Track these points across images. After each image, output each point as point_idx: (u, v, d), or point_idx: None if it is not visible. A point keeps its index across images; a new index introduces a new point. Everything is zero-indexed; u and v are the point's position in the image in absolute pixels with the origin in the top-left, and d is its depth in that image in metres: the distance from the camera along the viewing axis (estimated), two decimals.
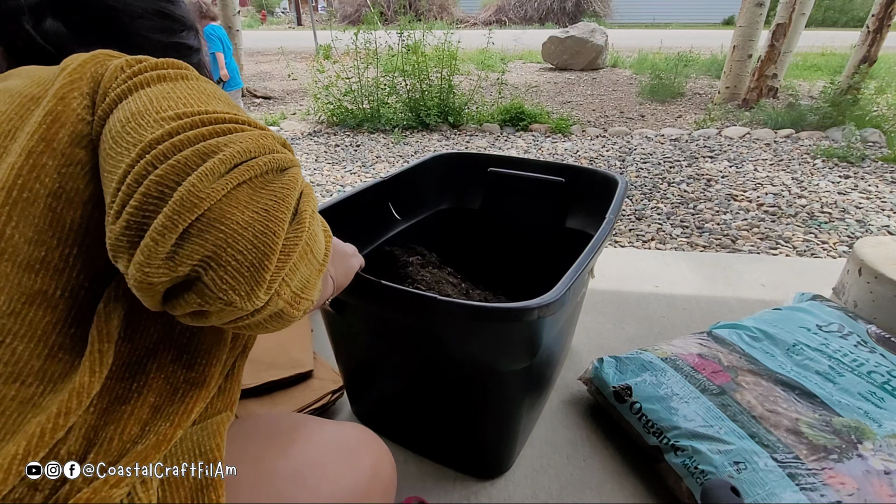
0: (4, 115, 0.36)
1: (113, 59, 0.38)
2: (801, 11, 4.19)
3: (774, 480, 0.70)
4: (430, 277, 0.92)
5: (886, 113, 3.81)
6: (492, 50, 5.77)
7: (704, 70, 6.23)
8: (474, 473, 0.86)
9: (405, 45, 4.00)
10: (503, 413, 0.77)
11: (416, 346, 0.75)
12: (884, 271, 1.13)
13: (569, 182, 1.05)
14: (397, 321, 0.73)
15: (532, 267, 1.06)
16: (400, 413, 0.91)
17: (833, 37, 9.05)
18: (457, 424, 0.83)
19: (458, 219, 1.21)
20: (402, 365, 0.81)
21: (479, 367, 0.70)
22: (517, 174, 1.11)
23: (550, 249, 1.07)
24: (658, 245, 1.97)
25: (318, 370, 0.99)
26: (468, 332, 0.67)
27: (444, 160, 1.20)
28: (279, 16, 23.38)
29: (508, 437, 0.82)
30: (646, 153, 3.21)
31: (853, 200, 2.39)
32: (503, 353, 0.68)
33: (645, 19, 17.83)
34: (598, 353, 1.05)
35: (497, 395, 0.74)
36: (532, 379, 0.77)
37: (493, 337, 0.66)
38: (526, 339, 0.66)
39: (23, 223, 0.33)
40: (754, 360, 0.94)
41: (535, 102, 4.57)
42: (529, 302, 0.57)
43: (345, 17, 16.68)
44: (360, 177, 2.84)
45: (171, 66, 0.38)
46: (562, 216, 1.08)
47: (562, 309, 0.63)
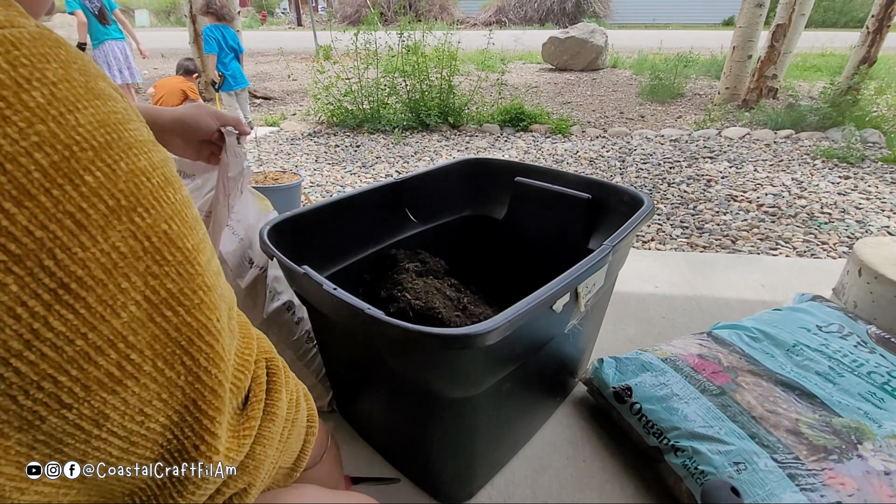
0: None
1: None
2: (801, 12, 4.19)
3: (774, 481, 0.70)
4: (422, 287, 0.89)
5: (886, 113, 3.81)
6: (492, 50, 5.78)
7: (704, 71, 6.23)
8: (433, 495, 0.83)
9: (405, 45, 4.00)
10: (455, 442, 0.72)
11: (369, 356, 0.72)
12: (884, 272, 1.13)
13: (595, 198, 1.00)
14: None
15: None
16: (371, 418, 0.90)
17: (833, 37, 9.05)
18: (412, 442, 0.80)
19: (481, 227, 1.18)
20: (365, 371, 0.79)
21: (422, 388, 0.66)
22: (544, 186, 1.06)
23: (570, 267, 1.04)
24: (658, 245, 1.97)
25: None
26: (402, 353, 0.62)
27: (470, 165, 1.17)
28: (279, 16, 23.37)
29: (463, 467, 0.77)
30: (646, 154, 3.21)
31: (853, 201, 2.39)
32: (442, 379, 0.63)
33: (645, 20, 17.84)
34: (598, 353, 1.05)
35: (446, 422, 0.69)
36: (491, 409, 0.71)
37: (428, 361, 0.61)
38: (465, 367, 0.60)
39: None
40: (754, 361, 0.94)
41: (535, 103, 4.57)
42: (462, 329, 0.52)
43: (345, 18, 16.69)
44: (360, 177, 2.84)
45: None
46: (586, 234, 1.02)
47: (512, 339, 0.57)
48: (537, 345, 0.73)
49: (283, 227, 0.82)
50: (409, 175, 1.07)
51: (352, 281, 0.96)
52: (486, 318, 0.72)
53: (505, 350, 0.64)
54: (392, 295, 0.88)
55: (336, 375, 0.92)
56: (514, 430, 0.86)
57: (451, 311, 0.87)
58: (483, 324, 0.53)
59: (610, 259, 0.74)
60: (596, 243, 1.00)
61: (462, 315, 0.88)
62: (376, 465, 0.88)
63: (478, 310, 0.94)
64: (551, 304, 0.64)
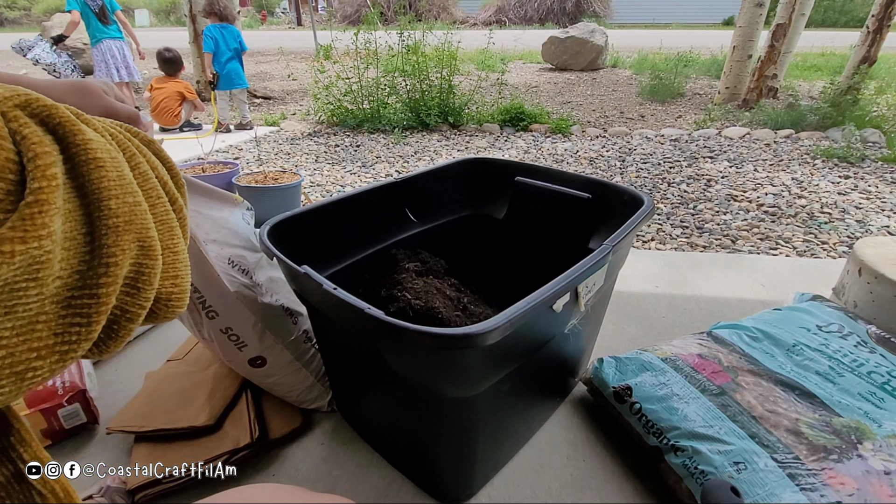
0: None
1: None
2: (801, 12, 4.20)
3: (774, 481, 0.70)
4: (422, 286, 0.89)
5: (886, 113, 3.81)
6: (492, 50, 5.78)
7: (704, 70, 6.23)
8: (433, 495, 0.83)
9: (405, 45, 4.00)
10: (455, 441, 0.72)
11: (369, 356, 0.72)
12: (884, 271, 1.13)
13: (595, 198, 1.00)
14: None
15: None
16: (371, 418, 0.90)
17: (833, 37, 9.05)
18: (413, 442, 0.80)
19: (481, 226, 1.18)
20: (365, 371, 0.79)
21: (423, 388, 0.66)
22: (544, 186, 1.06)
23: (570, 267, 1.04)
24: (658, 245, 1.97)
25: (229, 426, 0.90)
26: (401, 352, 0.62)
27: (470, 165, 1.17)
28: (279, 16, 23.38)
29: (464, 467, 0.77)
30: (646, 153, 3.21)
31: (853, 201, 2.39)
32: (442, 379, 0.63)
33: (645, 19, 17.84)
34: (598, 353, 1.05)
35: (446, 422, 0.69)
36: (491, 409, 0.71)
37: (428, 361, 0.61)
38: (465, 367, 0.60)
39: None
40: (754, 361, 0.94)
41: (535, 103, 4.57)
42: (462, 329, 0.51)
43: (345, 18, 16.70)
44: (359, 177, 2.84)
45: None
46: (586, 233, 1.02)
47: (512, 339, 0.57)
48: (537, 345, 0.73)
49: (283, 227, 0.82)
50: (410, 175, 1.06)
51: (352, 281, 0.96)
52: (486, 317, 0.72)
53: (505, 350, 0.64)
54: (392, 294, 0.87)
55: (336, 375, 0.92)
56: (514, 430, 0.86)
57: (451, 311, 0.87)
58: (483, 323, 0.53)
59: (610, 259, 0.73)
60: (596, 243, 1.00)
61: (462, 315, 0.88)
62: (376, 464, 0.88)
63: (478, 309, 0.94)
64: (551, 303, 0.64)
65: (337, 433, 0.95)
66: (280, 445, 0.92)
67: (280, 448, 0.91)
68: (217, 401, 0.93)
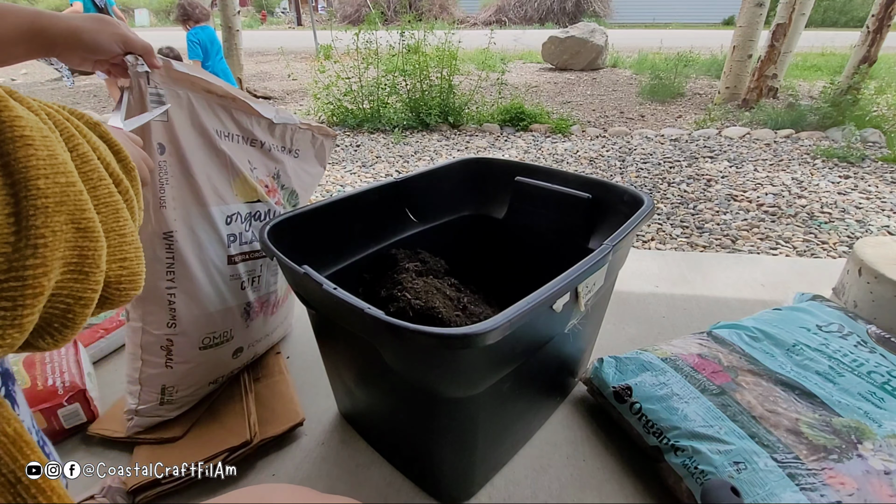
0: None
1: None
2: (801, 11, 4.20)
3: (774, 480, 0.70)
4: (422, 286, 0.89)
5: (886, 113, 3.81)
6: (492, 50, 5.78)
7: (704, 70, 6.23)
8: (433, 495, 0.83)
9: (406, 45, 4.00)
10: (454, 441, 0.72)
11: (369, 355, 0.71)
12: (884, 271, 1.13)
13: (595, 198, 1.00)
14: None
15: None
16: (371, 418, 0.90)
17: (833, 37, 9.05)
18: (413, 442, 0.80)
19: (481, 226, 1.17)
20: (365, 371, 0.79)
21: (422, 388, 0.66)
22: (544, 186, 1.06)
23: (570, 267, 1.04)
24: (658, 245, 1.97)
25: (229, 424, 0.91)
26: (401, 352, 0.63)
27: (470, 165, 1.17)
28: (279, 16, 23.37)
29: (463, 466, 0.77)
30: (646, 153, 3.21)
31: (853, 200, 2.39)
32: (442, 379, 0.63)
33: (645, 19, 17.84)
34: (598, 353, 1.05)
35: (446, 422, 0.69)
36: (491, 409, 0.72)
37: (428, 361, 0.61)
38: (465, 367, 0.61)
39: None
40: (754, 361, 0.94)
41: (535, 102, 4.57)
42: (461, 329, 0.51)
43: (345, 18, 16.69)
44: (359, 177, 2.84)
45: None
46: (586, 233, 1.02)
47: (512, 339, 0.56)
48: (537, 344, 0.73)
49: (283, 226, 0.82)
50: (410, 174, 1.06)
51: (352, 281, 0.96)
52: (486, 317, 0.72)
53: (505, 350, 0.64)
54: (392, 294, 0.87)
55: (336, 375, 0.92)
56: (514, 430, 0.86)
57: (451, 311, 0.86)
58: (483, 323, 0.52)
59: (610, 259, 0.73)
60: (596, 243, 1.00)
61: (462, 315, 0.88)
62: (376, 464, 0.88)
63: (478, 309, 0.94)
64: (551, 303, 0.64)
65: (337, 433, 0.95)
66: (280, 443, 0.92)
67: (280, 447, 0.91)
68: (192, 413, 0.93)
